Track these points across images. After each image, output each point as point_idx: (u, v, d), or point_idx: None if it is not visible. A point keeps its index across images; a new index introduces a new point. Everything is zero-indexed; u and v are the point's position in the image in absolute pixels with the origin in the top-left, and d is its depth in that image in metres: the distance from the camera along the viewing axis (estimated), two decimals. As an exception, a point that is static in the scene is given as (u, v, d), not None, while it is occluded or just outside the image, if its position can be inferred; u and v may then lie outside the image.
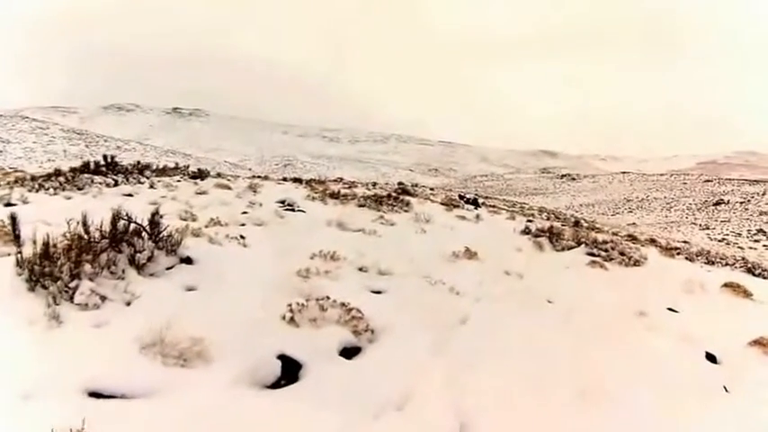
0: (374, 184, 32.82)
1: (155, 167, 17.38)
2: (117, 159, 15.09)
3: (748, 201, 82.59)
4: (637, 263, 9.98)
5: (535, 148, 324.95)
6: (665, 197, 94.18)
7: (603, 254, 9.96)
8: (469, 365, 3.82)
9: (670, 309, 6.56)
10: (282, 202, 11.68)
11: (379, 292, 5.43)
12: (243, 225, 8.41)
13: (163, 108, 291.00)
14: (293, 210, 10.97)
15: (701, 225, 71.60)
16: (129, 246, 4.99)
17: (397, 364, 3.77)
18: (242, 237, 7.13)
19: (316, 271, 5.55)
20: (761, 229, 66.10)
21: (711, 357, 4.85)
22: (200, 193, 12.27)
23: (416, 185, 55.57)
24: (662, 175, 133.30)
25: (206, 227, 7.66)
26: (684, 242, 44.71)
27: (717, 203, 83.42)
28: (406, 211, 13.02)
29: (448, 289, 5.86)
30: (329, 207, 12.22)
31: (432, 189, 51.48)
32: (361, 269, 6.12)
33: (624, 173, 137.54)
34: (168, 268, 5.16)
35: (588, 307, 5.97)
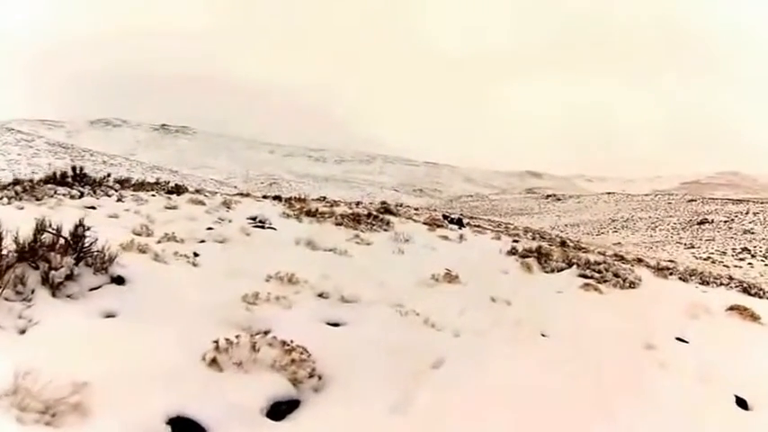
0: (357, 204, 32.11)
1: (134, 181, 16.68)
2: (102, 173, 14.36)
3: (732, 220, 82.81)
4: (632, 285, 9.24)
5: (520, 168, 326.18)
6: (649, 217, 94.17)
7: (597, 275, 9.21)
8: (441, 427, 2.99)
9: (679, 338, 5.77)
10: (254, 218, 10.89)
11: (337, 325, 4.55)
12: (202, 242, 7.64)
13: (150, 124, 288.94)
14: (263, 227, 10.16)
15: (686, 244, 71.57)
16: (46, 262, 4.18)
17: (343, 426, 2.91)
18: (195, 254, 6.44)
19: (266, 297, 4.71)
20: (745, 248, 66.21)
21: (742, 402, 4.05)
22: (169, 208, 11.42)
23: (401, 205, 54.82)
24: (646, 195, 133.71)
25: (158, 242, 6.90)
26: (671, 261, 44.38)
27: (701, 223, 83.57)
28: (385, 230, 12.23)
29: (422, 320, 4.95)
30: (304, 225, 11.44)
31: (416, 209, 50.95)
32: (321, 295, 5.27)
33: (609, 193, 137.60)
34: (93, 289, 4.35)
35: (589, 340, 5.09)
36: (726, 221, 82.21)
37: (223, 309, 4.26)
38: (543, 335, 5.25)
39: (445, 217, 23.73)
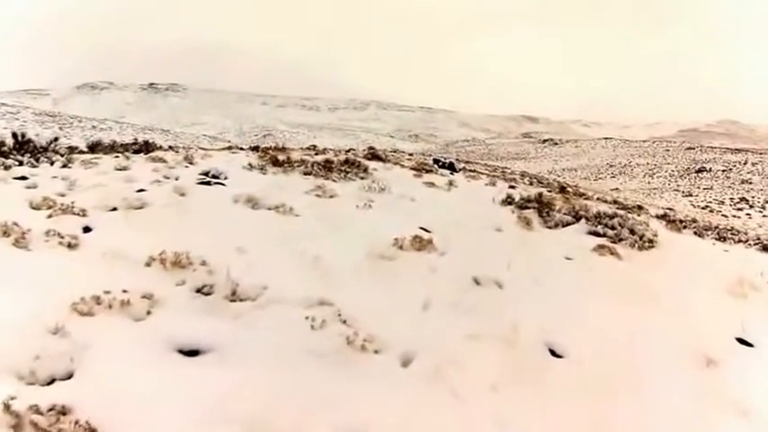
0: (348, 151, 30.51)
1: (106, 144, 15.71)
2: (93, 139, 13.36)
3: (730, 169, 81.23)
4: (651, 243, 7.63)
5: (517, 113, 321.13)
6: (647, 163, 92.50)
7: (610, 232, 7.58)
8: None
9: (740, 340, 4.14)
10: (207, 173, 9.22)
11: (195, 353, 2.87)
12: (113, 210, 6.01)
13: (138, 84, 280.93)
14: (210, 183, 8.47)
15: (683, 192, 70.29)
16: None
17: None
18: (87, 229, 5.14)
19: (110, 301, 3.04)
20: (743, 198, 64.91)
21: None
22: (119, 169, 9.71)
23: (396, 151, 52.99)
24: (644, 141, 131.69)
25: (49, 217, 5.36)
26: (669, 209, 43.02)
27: (699, 171, 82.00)
28: (362, 178, 10.49)
29: (344, 337, 3.12)
30: (266, 177, 9.65)
31: (411, 154, 49.32)
32: (201, 290, 3.60)
33: (606, 138, 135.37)
34: None
35: (625, 362, 3.36)
36: (724, 171, 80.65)
37: (28, 331, 2.59)
38: (553, 352, 3.50)
39: (436, 161, 21.85)
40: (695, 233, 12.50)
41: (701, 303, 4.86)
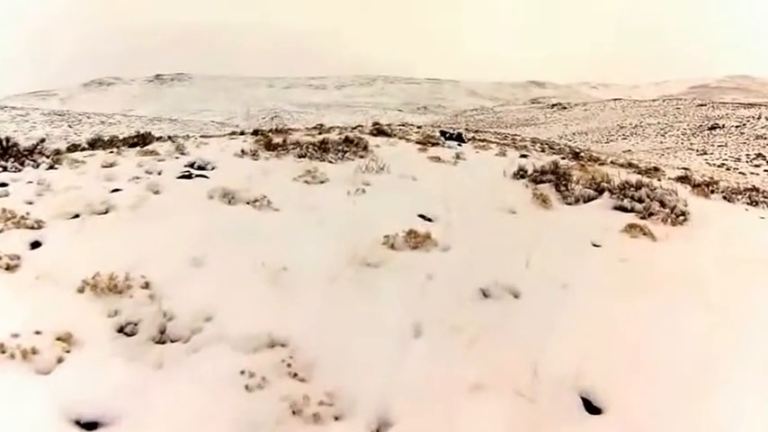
0: (355, 128, 29.90)
1: (107, 139, 15.67)
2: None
3: (744, 125, 79.69)
4: (683, 216, 6.78)
5: (523, 79, 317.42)
6: (658, 123, 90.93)
7: (638, 206, 6.73)
8: None
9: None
10: (192, 165, 8.49)
11: (94, 426, 2.13)
12: (75, 217, 5.29)
13: (145, 77, 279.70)
14: (191, 176, 7.72)
15: (697, 150, 69.01)
16: None
17: None
18: (35, 245, 4.46)
19: (12, 352, 2.33)
20: (759, 154, 63.48)
21: None
22: (106, 166, 9.03)
23: (404, 125, 52.22)
24: (654, 100, 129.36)
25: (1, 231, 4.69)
26: (685, 169, 41.97)
27: (712, 128, 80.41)
28: (361, 156, 9.70)
29: (289, 403, 2.29)
30: (257, 163, 8.87)
31: (419, 127, 48.56)
32: (124, 329, 2.84)
33: (616, 100, 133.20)
34: None
35: (686, 407, 2.42)
36: (737, 126, 79.15)
37: None
38: (588, 404, 2.53)
39: (443, 133, 20.98)
40: (725, 198, 11.64)
41: (758, 302, 3.91)
